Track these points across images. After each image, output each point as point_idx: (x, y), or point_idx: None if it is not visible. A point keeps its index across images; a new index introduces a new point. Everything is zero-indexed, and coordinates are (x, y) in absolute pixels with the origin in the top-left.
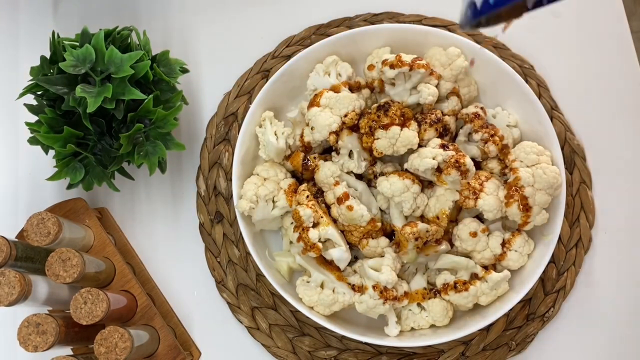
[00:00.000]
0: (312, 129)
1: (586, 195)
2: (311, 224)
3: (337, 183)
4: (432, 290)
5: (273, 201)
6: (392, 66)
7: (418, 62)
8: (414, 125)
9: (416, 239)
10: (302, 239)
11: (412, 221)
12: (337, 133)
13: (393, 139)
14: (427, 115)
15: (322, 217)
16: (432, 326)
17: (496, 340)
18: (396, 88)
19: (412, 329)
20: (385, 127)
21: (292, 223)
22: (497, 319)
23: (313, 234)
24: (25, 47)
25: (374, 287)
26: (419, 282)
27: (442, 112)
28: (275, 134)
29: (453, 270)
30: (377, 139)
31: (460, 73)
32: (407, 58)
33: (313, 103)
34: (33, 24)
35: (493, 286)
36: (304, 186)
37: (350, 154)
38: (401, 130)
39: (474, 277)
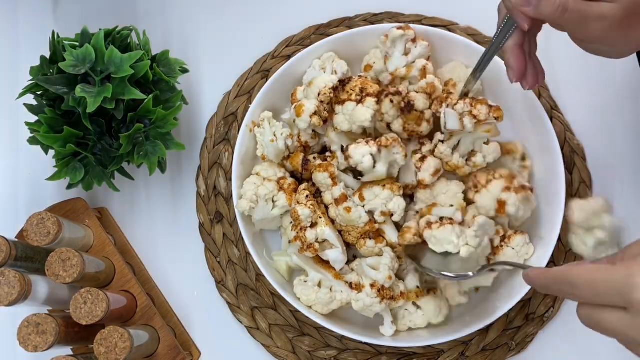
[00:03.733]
0: (293, 121)
1: (586, 195)
2: (309, 224)
3: (334, 184)
4: (425, 288)
5: (273, 201)
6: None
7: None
8: (369, 101)
9: (420, 237)
10: (299, 239)
11: (405, 227)
12: (318, 114)
13: (347, 114)
14: (387, 88)
15: (320, 217)
16: (429, 325)
17: (496, 340)
18: (393, 58)
19: (410, 328)
20: (341, 102)
21: (290, 222)
22: (497, 319)
23: (310, 234)
24: (25, 47)
25: (371, 285)
26: (411, 282)
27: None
28: (275, 135)
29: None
30: (336, 114)
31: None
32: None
33: (292, 102)
34: (33, 24)
35: (477, 232)
36: (304, 185)
37: (342, 149)
38: (357, 106)
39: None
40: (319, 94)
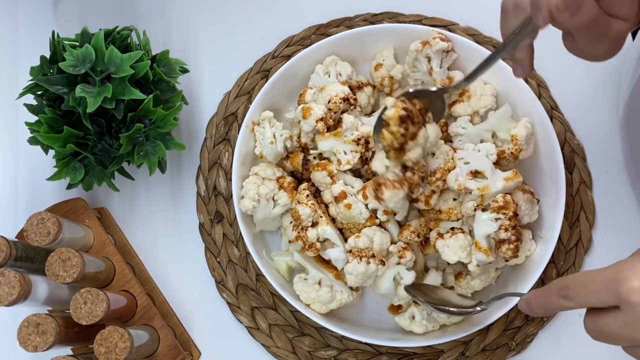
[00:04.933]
0: (298, 122)
1: (586, 195)
2: (310, 224)
3: (334, 182)
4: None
5: (274, 199)
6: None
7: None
8: (429, 117)
9: (418, 236)
10: (300, 238)
11: (405, 224)
12: (324, 120)
13: (423, 142)
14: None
15: (321, 216)
16: (443, 325)
17: (496, 340)
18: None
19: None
20: (414, 137)
21: (291, 222)
22: (497, 319)
23: (312, 234)
24: (25, 47)
25: (349, 252)
26: (434, 279)
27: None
28: (274, 137)
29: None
30: (410, 150)
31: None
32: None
33: (299, 102)
34: (33, 24)
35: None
36: (304, 185)
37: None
38: (425, 129)
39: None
40: (329, 101)
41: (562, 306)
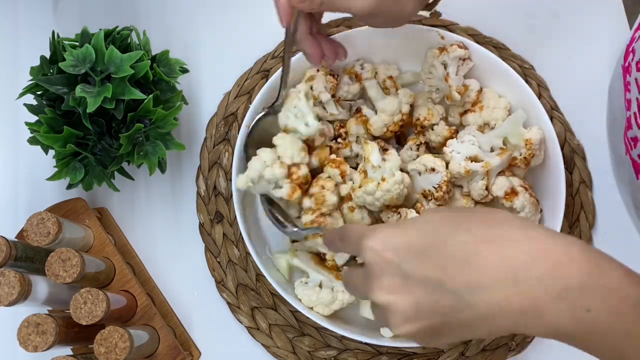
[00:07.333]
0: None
1: (586, 195)
2: (341, 181)
3: (344, 181)
4: None
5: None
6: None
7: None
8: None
9: None
10: (316, 198)
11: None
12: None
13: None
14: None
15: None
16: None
17: (496, 340)
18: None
19: None
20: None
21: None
22: None
23: (331, 198)
24: (24, 47)
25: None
26: None
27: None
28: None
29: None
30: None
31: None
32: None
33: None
34: (33, 24)
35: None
36: (325, 174)
37: (357, 140)
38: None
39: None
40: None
41: (336, 246)
